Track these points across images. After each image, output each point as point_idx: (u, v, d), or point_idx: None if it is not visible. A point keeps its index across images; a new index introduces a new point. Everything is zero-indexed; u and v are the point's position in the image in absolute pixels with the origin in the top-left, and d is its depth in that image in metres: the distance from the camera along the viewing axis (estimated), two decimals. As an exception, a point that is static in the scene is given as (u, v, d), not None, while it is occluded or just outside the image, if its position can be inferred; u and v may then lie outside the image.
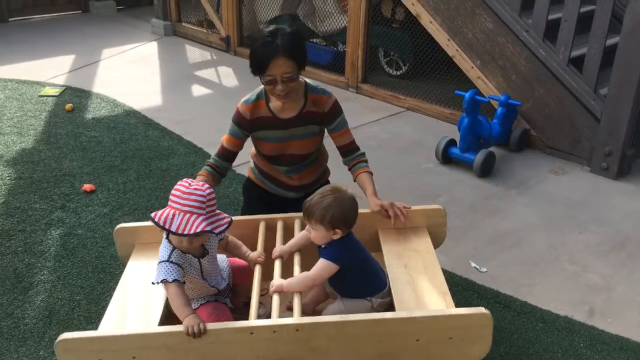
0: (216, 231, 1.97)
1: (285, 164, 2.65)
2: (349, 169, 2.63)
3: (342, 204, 2.08)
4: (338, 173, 2.92)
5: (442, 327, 1.88)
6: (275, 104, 2.51)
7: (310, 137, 2.59)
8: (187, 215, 1.92)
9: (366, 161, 2.61)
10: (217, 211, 2.02)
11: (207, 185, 2.00)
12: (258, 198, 2.77)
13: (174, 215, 1.92)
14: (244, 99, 2.55)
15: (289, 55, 2.33)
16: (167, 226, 1.92)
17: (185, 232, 1.90)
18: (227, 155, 2.60)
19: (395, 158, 4.05)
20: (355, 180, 2.58)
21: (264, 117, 2.52)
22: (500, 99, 4.04)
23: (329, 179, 2.88)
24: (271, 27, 2.38)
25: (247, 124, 2.53)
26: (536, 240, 3.16)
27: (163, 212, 1.94)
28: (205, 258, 2.08)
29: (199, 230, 1.90)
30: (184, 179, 2.02)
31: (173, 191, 1.98)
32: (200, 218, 1.93)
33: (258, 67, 2.37)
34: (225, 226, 2.00)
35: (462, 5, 4.26)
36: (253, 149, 2.72)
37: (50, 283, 2.73)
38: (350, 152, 2.62)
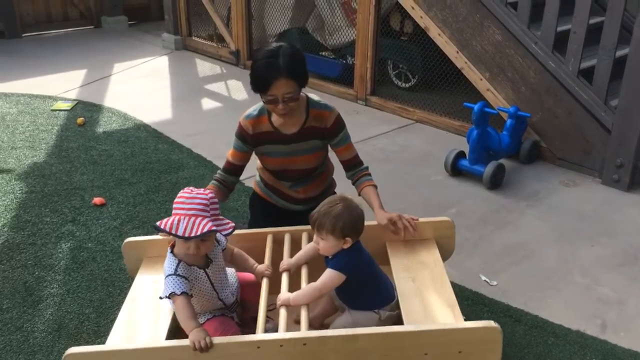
0: (223, 233, 1.97)
1: (290, 179, 2.65)
2: (353, 183, 2.62)
3: (352, 212, 2.08)
4: (344, 185, 2.91)
5: (451, 340, 1.86)
6: (277, 119, 2.51)
7: (313, 152, 2.59)
8: (193, 218, 1.92)
9: (370, 174, 2.60)
10: (221, 217, 2.03)
11: (209, 191, 2.02)
12: (264, 211, 2.76)
13: (179, 220, 1.92)
14: (245, 113, 2.55)
15: (291, 75, 2.33)
16: (173, 231, 1.91)
17: (193, 234, 1.89)
18: (233, 169, 2.60)
19: (405, 170, 4.04)
20: (359, 194, 2.56)
21: (267, 133, 2.52)
22: (509, 111, 4.03)
23: (335, 191, 2.87)
24: (272, 46, 2.38)
25: (250, 139, 2.54)
26: (547, 253, 3.13)
27: (168, 220, 1.95)
28: (210, 268, 2.08)
29: (205, 229, 1.90)
30: (186, 187, 2.04)
31: (176, 199, 1.99)
32: (206, 220, 1.93)
33: (259, 87, 2.37)
34: (229, 230, 2.00)
35: (470, 18, 4.27)
36: (259, 162, 2.72)
37: (59, 296, 2.74)
38: (354, 167, 2.61)
